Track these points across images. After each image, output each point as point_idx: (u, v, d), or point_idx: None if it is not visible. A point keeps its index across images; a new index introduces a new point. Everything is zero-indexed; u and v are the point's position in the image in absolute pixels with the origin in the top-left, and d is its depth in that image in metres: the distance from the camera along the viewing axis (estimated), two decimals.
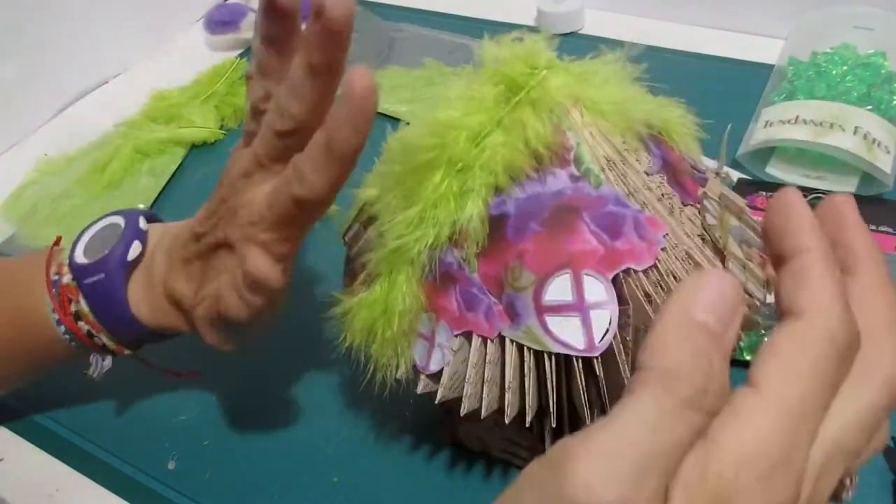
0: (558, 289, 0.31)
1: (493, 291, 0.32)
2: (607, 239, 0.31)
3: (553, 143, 0.32)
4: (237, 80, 0.75)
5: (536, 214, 0.32)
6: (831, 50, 0.61)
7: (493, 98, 0.32)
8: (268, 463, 0.44)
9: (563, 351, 0.31)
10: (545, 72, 0.33)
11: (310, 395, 0.47)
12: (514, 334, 0.32)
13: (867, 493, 0.38)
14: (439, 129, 0.32)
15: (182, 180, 0.67)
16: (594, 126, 0.33)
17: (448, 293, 0.33)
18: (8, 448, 0.47)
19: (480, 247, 0.32)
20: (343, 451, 0.44)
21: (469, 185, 0.32)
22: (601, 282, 0.31)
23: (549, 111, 0.32)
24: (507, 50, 0.33)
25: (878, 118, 0.54)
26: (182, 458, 0.45)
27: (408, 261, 0.33)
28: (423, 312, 0.34)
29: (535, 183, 0.32)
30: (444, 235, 0.32)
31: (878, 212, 0.51)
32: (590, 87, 0.34)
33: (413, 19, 0.84)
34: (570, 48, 0.36)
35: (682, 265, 0.32)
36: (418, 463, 0.43)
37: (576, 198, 0.32)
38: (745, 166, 0.57)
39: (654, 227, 0.32)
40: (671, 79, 0.36)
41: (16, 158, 0.71)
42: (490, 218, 0.32)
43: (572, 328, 0.31)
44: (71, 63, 0.78)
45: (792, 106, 0.56)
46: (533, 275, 0.31)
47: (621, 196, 0.32)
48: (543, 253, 0.31)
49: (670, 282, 0.31)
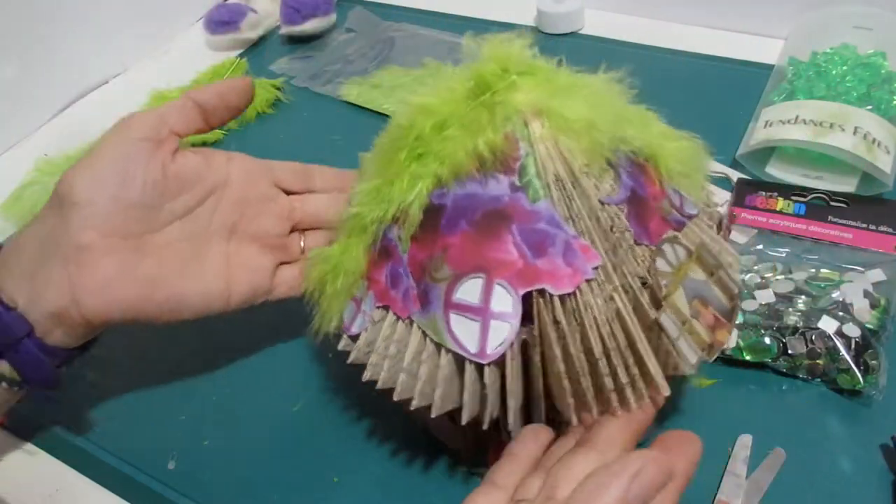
0: (469, 290, 0.32)
1: (416, 275, 0.33)
2: (529, 255, 0.31)
3: (501, 149, 0.32)
4: None
5: (470, 214, 0.32)
6: (831, 50, 0.61)
7: (464, 93, 0.33)
8: (268, 463, 0.44)
9: (457, 350, 0.32)
10: (514, 77, 0.33)
11: (310, 395, 0.47)
12: (421, 321, 0.33)
13: (867, 493, 0.38)
14: (412, 112, 0.33)
15: None
16: (552, 141, 0.33)
17: (382, 266, 0.35)
18: (8, 448, 0.47)
19: (415, 231, 0.33)
20: (343, 451, 0.44)
21: (420, 171, 0.33)
22: (511, 294, 0.31)
23: (505, 117, 0.32)
24: (487, 49, 0.33)
25: (878, 118, 0.54)
26: (182, 458, 0.45)
27: (361, 228, 0.35)
28: (361, 278, 0.36)
29: (476, 183, 0.32)
30: (391, 212, 0.33)
31: (878, 212, 0.51)
32: (563, 102, 0.33)
33: (413, 19, 0.84)
34: (570, 48, 0.36)
35: (604, 304, 0.31)
36: (418, 463, 0.43)
37: (510, 207, 0.32)
38: (745, 166, 0.57)
39: (586, 256, 0.31)
40: (671, 79, 0.36)
41: (16, 158, 0.71)
42: (430, 206, 0.33)
43: (471, 331, 0.31)
44: (71, 63, 0.78)
45: (792, 106, 0.56)
46: (451, 270, 0.32)
47: (557, 216, 0.32)
48: (465, 252, 0.32)
49: (586, 316, 0.31)
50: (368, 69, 0.76)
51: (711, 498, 0.39)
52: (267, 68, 0.79)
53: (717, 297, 0.32)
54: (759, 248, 0.50)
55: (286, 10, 0.81)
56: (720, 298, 0.32)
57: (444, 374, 0.32)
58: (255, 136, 0.70)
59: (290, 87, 0.76)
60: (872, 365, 0.42)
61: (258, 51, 0.83)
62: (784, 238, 0.51)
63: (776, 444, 0.41)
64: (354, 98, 0.72)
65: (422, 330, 0.33)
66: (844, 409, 0.42)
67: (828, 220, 0.51)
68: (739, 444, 0.41)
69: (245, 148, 0.61)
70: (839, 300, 0.44)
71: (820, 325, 0.43)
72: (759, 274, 0.48)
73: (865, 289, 0.45)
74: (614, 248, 0.32)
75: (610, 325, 0.31)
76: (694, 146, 0.37)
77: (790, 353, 0.43)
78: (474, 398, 0.33)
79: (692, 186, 0.36)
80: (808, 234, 0.50)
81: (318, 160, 0.67)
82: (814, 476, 0.39)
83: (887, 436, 0.40)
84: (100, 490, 0.44)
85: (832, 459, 0.40)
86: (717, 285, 0.32)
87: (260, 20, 0.84)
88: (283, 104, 0.74)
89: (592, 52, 0.73)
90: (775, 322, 0.44)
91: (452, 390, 0.33)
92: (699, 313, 0.32)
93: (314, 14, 0.81)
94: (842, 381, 0.42)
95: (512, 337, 0.31)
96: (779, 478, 0.39)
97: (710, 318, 0.32)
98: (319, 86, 0.75)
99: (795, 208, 0.52)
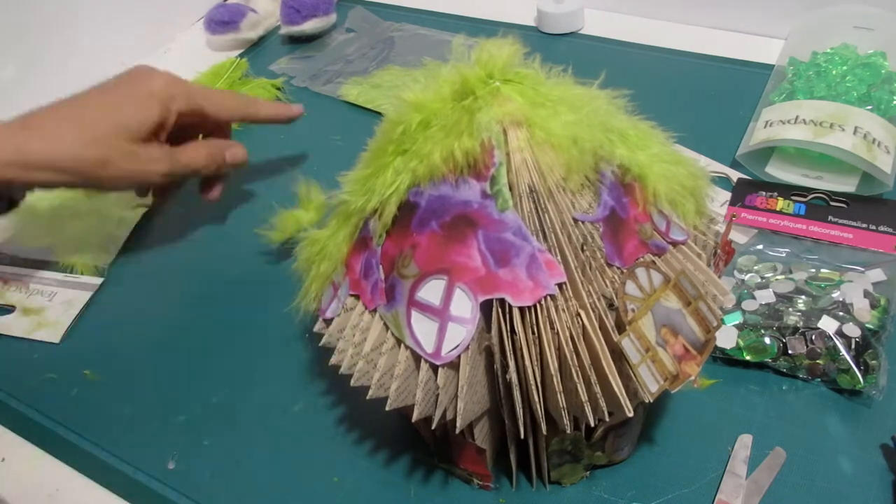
0: (431, 290, 0.32)
1: (385, 269, 0.34)
2: (492, 263, 0.31)
3: (475, 155, 0.32)
4: (237, 80, 0.76)
5: (440, 215, 0.32)
6: (831, 50, 0.61)
7: (450, 94, 0.33)
8: (267, 463, 0.44)
9: (414, 347, 0.32)
10: (498, 84, 0.32)
11: (310, 396, 0.47)
12: (385, 314, 0.34)
13: (867, 493, 0.38)
14: (404, 107, 0.33)
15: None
16: (530, 152, 0.32)
17: (359, 256, 0.35)
18: (8, 448, 0.47)
19: (389, 226, 0.34)
20: (343, 451, 0.44)
21: (402, 167, 0.33)
22: (470, 300, 0.31)
23: (483, 124, 0.32)
24: (476, 52, 0.33)
25: (878, 118, 0.54)
26: (182, 458, 0.45)
27: (346, 216, 0.36)
28: (341, 264, 0.36)
29: (449, 186, 0.32)
30: (372, 204, 0.34)
31: (878, 212, 0.51)
32: (547, 113, 0.32)
33: (413, 19, 0.84)
34: (570, 48, 0.36)
35: (568, 321, 0.31)
36: (419, 464, 0.43)
37: (478, 213, 0.32)
38: (745, 166, 0.57)
39: (550, 272, 0.31)
40: (671, 79, 0.36)
41: None
42: (407, 203, 0.33)
43: (429, 330, 0.32)
44: (71, 63, 0.78)
45: (792, 106, 0.56)
46: (417, 268, 0.32)
47: (524, 228, 0.31)
48: (431, 252, 0.32)
49: (545, 331, 0.31)
50: (368, 69, 0.76)
51: (711, 498, 0.39)
52: (267, 68, 0.79)
53: (690, 327, 0.30)
54: (759, 248, 0.50)
55: (286, 10, 0.81)
56: (694, 330, 0.30)
57: (402, 370, 0.33)
58: (256, 135, 0.70)
59: (290, 87, 0.76)
60: (872, 365, 0.42)
61: (258, 51, 0.83)
62: (784, 238, 0.51)
63: (776, 444, 0.41)
64: (354, 98, 0.72)
65: (384, 322, 0.34)
66: (844, 409, 0.42)
67: (828, 220, 0.51)
68: (739, 444, 0.41)
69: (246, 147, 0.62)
70: (839, 300, 0.45)
71: (820, 325, 0.43)
72: (759, 274, 0.48)
73: (865, 289, 0.45)
74: (584, 266, 0.32)
75: (574, 342, 0.31)
76: (690, 172, 0.36)
77: (790, 353, 0.43)
78: (428, 397, 0.33)
79: (684, 212, 0.35)
80: (808, 234, 0.50)
81: (319, 160, 0.67)
82: (814, 476, 0.39)
83: (887, 436, 0.40)
84: (100, 490, 0.44)
85: (832, 459, 0.40)
86: (693, 316, 0.30)
87: (260, 20, 0.84)
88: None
89: (592, 52, 0.73)
90: (775, 322, 0.44)
91: (408, 386, 0.33)
92: (667, 342, 0.31)
93: (314, 14, 0.81)
94: (842, 381, 0.42)
95: (468, 341, 0.31)
96: (779, 478, 0.39)
97: (678, 349, 0.31)
98: (319, 86, 0.75)
99: (795, 208, 0.52)
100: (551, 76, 0.35)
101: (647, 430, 0.42)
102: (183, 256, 0.59)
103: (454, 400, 0.33)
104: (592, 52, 0.73)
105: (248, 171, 0.66)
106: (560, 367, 0.31)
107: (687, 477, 0.40)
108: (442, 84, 0.33)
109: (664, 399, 0.44)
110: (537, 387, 0.32)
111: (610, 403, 0.32)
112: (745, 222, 0.52)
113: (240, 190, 0.64)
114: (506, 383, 0.33)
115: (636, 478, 0.40)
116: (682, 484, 0.40)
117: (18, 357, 0.52)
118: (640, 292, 0.32)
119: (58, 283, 0.58)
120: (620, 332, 0.31)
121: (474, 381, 0.33)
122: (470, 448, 0.38)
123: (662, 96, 0.36)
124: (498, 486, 0.41)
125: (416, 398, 0.33)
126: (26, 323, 0.55)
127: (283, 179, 0.65)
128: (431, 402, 0.33)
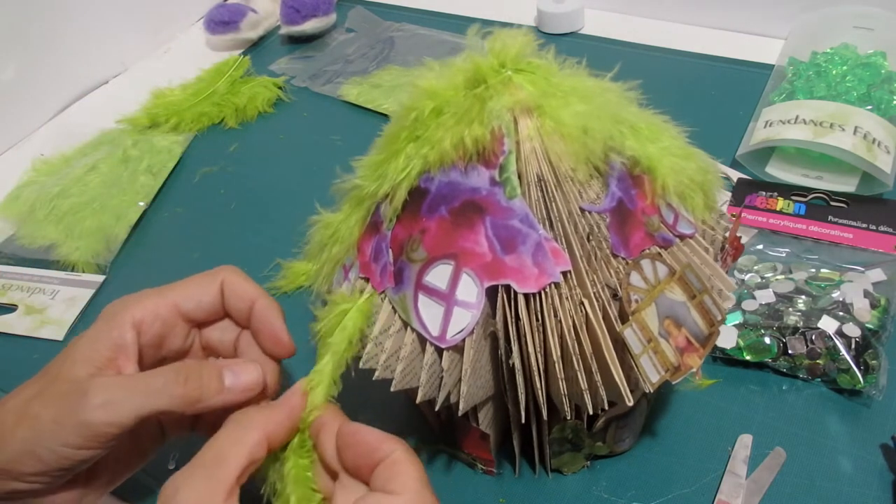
0: (439, 274, 0.32)
1: (395, 253, 0.34)
2: (499, 249, 0.31)
3: (485, 143, 0.32)
4: (238, 79, 0.76)
5: (449, 201, 0.33)
6: (831, 50, 0.61)
7: (463, 82, 0.33)
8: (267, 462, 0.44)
9: (420, 330, 0.32)
10: (510, 73, 0.33)
11: None
12: (393, 297, 0.34)
13: (867, 493, 0.38)
14: (417, 94, 0.33)
15: (180, 178, 0.67)
16: (540, 141, 0.32)
17: (369, 240, 0.35)
18: None
19: (400, 210, 0.34)
20: None
21: (414, 153, 0.33)
22: (476, 285, 0.31)
23: (493, 112, 0.32)
24: (490, 41, 0.33)
25: (878, 118, 0.54)
26: (182, 458, 0.45)
27: (359, 200, 0.36)
28: (353, 247, 0.36)
29: (459, 172, 0.33)
30: (384, 188, 0.34)
31: (878, 212, 0.51)
32: (559, 103, 0.33)
33: (413, 19, 0.84)
34: (570, 48, 0.36)
35: (571, 309, 0.31)
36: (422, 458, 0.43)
37: (486, 200, 0.32)
38: (745, 166, 0.57)
39: (555, 260, 0.31)
40: (671, 79, 0.36)
41: (16, 158, 0.71)
42: (417, 188, 0.33)
43: (435, 314, 0.32)
44: (71, 63, 0.78)
45: (792, 106, 0.56)
46: (425, 252, 0.33)
47: (531, 216, 0.31)
48: (440, 237, 0.32)
49: (549, 319, 0.31)
50: (368, 69, 0.76)
51: (711, 498, 0.39)
52: (267, 68, 0.79)
53: (693, 320, 0.31)
54: (759, 248, 0.50)
55: (286, 10, 0.81)
56: (697, 323, 0.31)
57: (408, 352, 0.33)
58: (256, 135, 0.70)
59: (290, 87, 0.76)
60: (872, 365, 0.42)
61: (258, 51, 0.83)
62: (784, 238, 0.51)
63: (776, 444, 0.41)
64: (354, 98, 0.72)
65: (392, 306, 0.34)
66: (844, 409, 0.42)
67: (828, 220, 0.51)
68: (739, 444, 0.41)
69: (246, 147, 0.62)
70: (839, 300, 0.45)
71: (820, 325, 0.43)
72: (759, 274, 0.48)
73: (865, 289, 0.45)
74: (589, 256, 0.32)
75: (577, 330, 0.31)
76: (700, 166, 0.36)
77: (790, 353, 0.43)
78: (432, 380, 0.33)
79: (692, 206, 0.35)
80: (808, 234, 0.51)
81: (319, 160, 0.67)
82: (814, 476, 0.39)
83: (887, 436, 0.40)
84: None
85: (832, 459, 0.40)
86: (697, 309, 0.31)
87: (260, 20, 0.84)
88: (284, 103, 0.74)
89: (592, 52, 0.73)
90: (775, 322, 0.44)
91: (414, 369, 0.34)
92: (670, 334, 0.31)
93: (314, 14, 0.81)
94: (842, 381, 0.42)
95: (473, 326, 0.32)
96: (779, 478, 0.39)
97: (681, 341, 0.31)
98: (319, 86, 0.75)
99: (795, 208, 0.52)
100: (564, 67, 0.35)
101: (648, 428, 0.42)
102: (183, 253, 0.59)
103: (458, 383, 0.33)
104: (592, 52, 0.72)
105: (248, 170, 0.66)
106: (562, 355, 0.32)
107: (687, 477, 0.40)
108: (455, 72, 0.33)
109: (665, 398, 0.44)
110: (540, 373, 0.32)
111: (610, 393, 0.32)
112: (746, 222, 0.52)
113: (240, 189, 0.64)
114: (509, 368, 0.33)
115: (636, 477, 0.40)
116: (682, 484, 0.40)
117: (21, 356, 0.53)
118: (645, 283, 0.32)
119: (60, 282, 0.58)
120: (624, 322, 0.31)
121: (478, 365, 0.33)
122: (474, 433, 0.39)
123: (662, 96, 0.36)
124: (501, 472, 0.41)
125: (421, 380, 0.33)
126: (29, 321, 0.55)
127: (283, 179, 0.65)
128: (436, 384, 0.33)
